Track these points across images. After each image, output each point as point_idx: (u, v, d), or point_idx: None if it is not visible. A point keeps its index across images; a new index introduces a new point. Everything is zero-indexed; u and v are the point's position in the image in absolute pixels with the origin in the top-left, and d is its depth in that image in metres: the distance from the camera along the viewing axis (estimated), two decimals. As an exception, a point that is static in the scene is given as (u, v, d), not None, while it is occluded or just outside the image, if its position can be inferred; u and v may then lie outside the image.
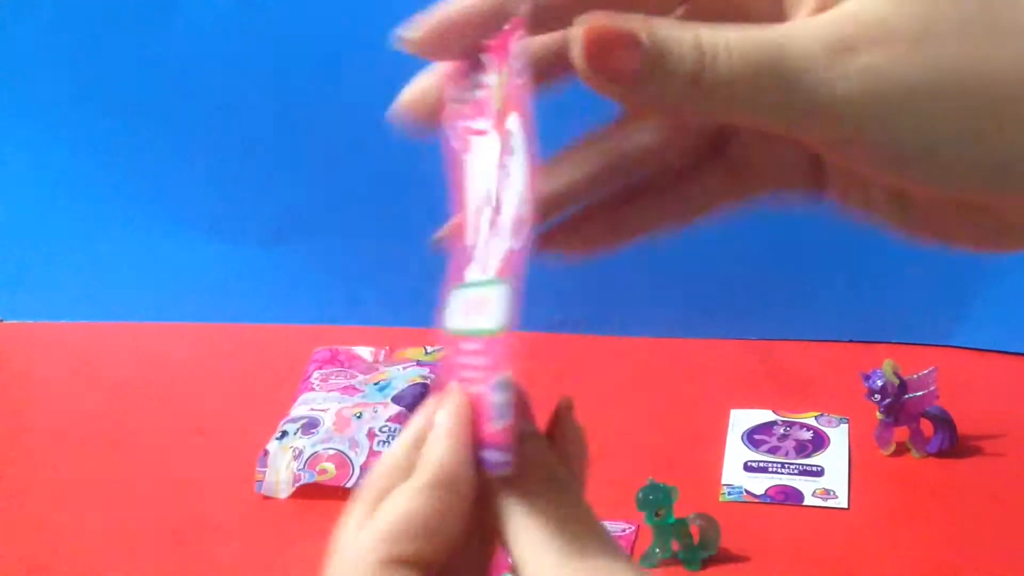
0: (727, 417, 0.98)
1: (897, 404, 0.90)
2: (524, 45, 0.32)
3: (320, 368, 1.06)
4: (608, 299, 1.09)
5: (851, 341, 1.09)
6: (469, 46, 0.34)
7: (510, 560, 0.33)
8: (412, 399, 0.98)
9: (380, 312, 1.15)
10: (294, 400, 1.01)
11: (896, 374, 0.90)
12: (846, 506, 0.88)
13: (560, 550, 0.32)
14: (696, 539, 0.81)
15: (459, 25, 0.34)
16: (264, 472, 0.92)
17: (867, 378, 0.91)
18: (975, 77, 0.31)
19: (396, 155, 1.09)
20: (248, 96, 1.08)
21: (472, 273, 0.35)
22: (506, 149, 0.33)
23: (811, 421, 0.97)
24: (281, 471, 0.92)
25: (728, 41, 0.31)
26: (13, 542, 0.89)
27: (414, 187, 1.10)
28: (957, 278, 1.05)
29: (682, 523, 0.80)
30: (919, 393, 0.90)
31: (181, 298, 1.18)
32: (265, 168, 1.11)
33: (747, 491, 0.89)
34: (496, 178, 0.34)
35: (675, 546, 0.81)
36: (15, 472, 0.98)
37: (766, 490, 0.89)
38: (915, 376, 0.91)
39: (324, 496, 0.91)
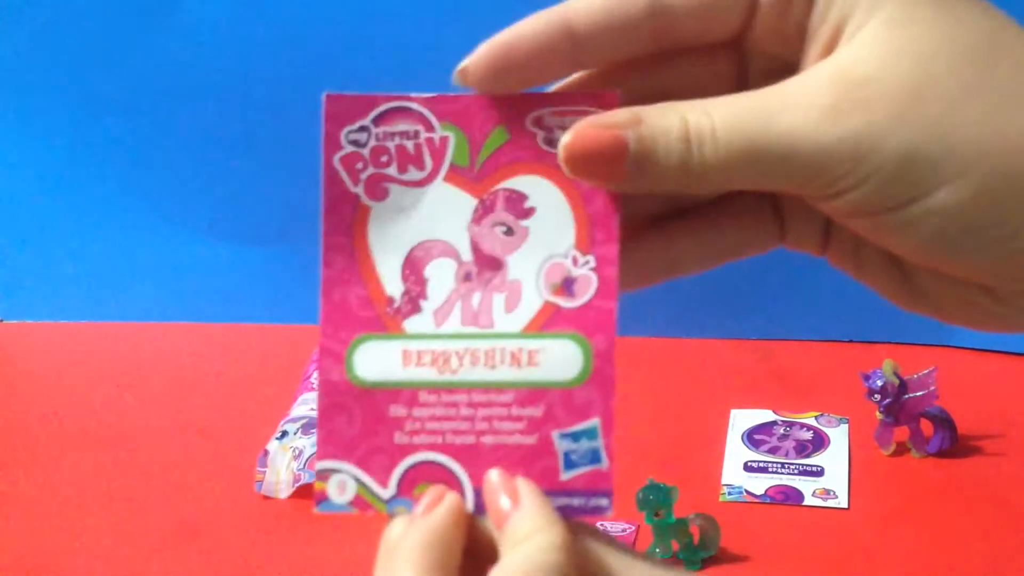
0: (727, 417, 0.98)
1: (897, 404, 0.90)
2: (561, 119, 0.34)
3: (320, 368, 1.06)
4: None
5: (851, 341, 1.09)
6: (531, 79, 0.35)
7: None
8: (412, 399, 0.98)
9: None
10: (294, 400, 1.01)
11: (896, 374, 0.90)
12: (846, 506, 0.88)
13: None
14: (696, 539, 0.81)
15: (522, 57, 0.34)
16: (264, 472, 0.92)
17: (867, 378, 0.91)
18: (970, 145, 0.30)
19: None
20: (248, 96, 1.08)
21: (422, 324, 0.35)
22: (513, 209, 0.35)
23: (811, 421, 0.97)
24: (281, 471, 0.92)
25: (714, 124, 0.32)
26: (13, 542, 0.88)
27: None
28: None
29: (682, 523, 0.80)
30: (919, 393, 0.91)
31: (181, 298, 1.18)
32: (265, 168, 1.11)
33: (747, 491, 0.89)
34: (478, 234, 0.35)
35: (675, 546, 0.82)
36: (15, 472, 0.98)
37: (766, 490, 0.89)
38: (915, 376, 0.91)
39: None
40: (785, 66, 0.34)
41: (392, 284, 0.36)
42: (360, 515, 0.37)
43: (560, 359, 0.35)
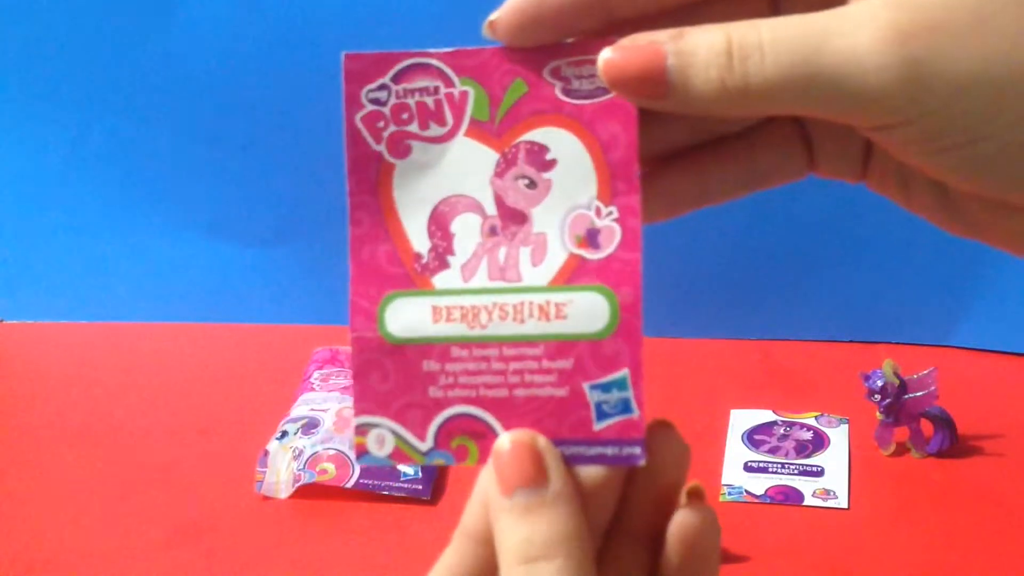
0: (727, 417, 0.98)
1: (897, 404, 0.90)
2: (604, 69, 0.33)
3: (320, 368, 1.06)
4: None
5: (851, 341, 1.09)
6: (562, 31, 0.34)
7: None
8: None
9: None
10: (294, 400, 1.01)
11: (896, 374, 0.90)
12: (846, 506, 0.88)
13: None
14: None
15: (553, 9, 0.34)
16: (264, 472, 0.92)
17: (867, 378, 0.91)
18: None
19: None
20: (248, 95, 1.08)
21: (450, 280, 0.36)
22: (535, 162, 0.35)
23: (811, 421, 0.97)
24: (281, 471, 0.92)
25: (762, 39, 0.31)
26: (13, 542, 0.88)
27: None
28: (957, 278, 1.05)
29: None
30: (919, 393, 0.91)
31: (181, 298, 1.18)
32: (265, 168, 1.11)
33: (747, 491, 0.89)
34: (501, 188, 0.36)
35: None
36: (15, 472, 0.98)
37: (766, 490, 0.89)
38: (915, 376, 0.91)
39: (324, 496, 0.91)
40: (826, 4, 0.32)
41: (419, 240, 0.36)
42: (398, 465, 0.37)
43: (587, 311, 0.35)
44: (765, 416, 0.98)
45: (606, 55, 0.33)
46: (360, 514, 0.89)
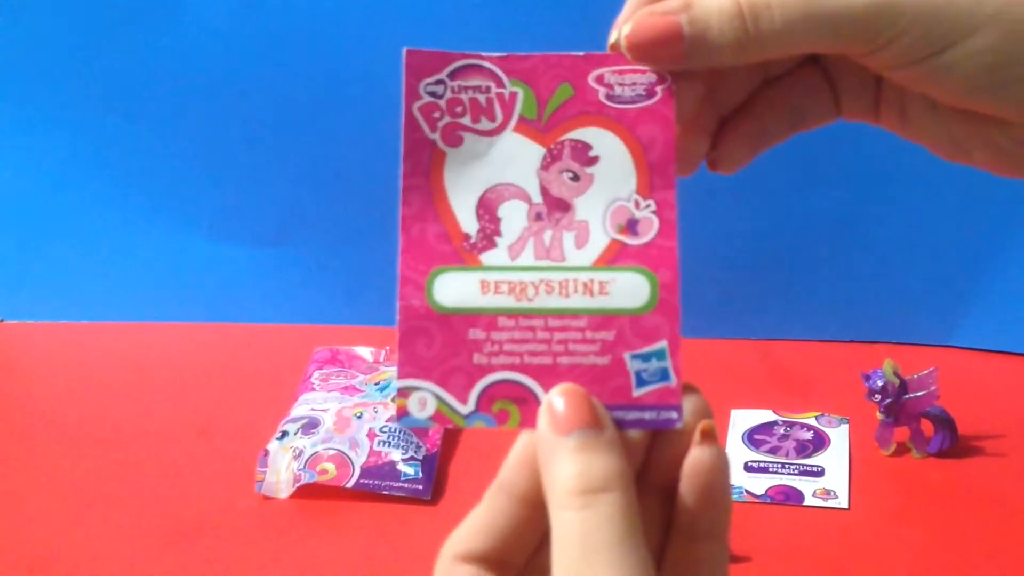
0: (727, 417, 0.98)
1: (897, 404, 0.90)
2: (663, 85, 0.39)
3: (320, 368, 1.06)
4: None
5: (851, 341, 1.09)
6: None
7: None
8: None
9: (380, 312, 1.15)
10: (294, 400, 1.01)
11: (896, 374, 0.90)
12: (846, 506, 0.88)
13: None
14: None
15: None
16: (264, 472, 0.92)
17: (867, 378, 0.91)
18: None
19: (396, 155, 1.09)
20: (248, 95, 1.08)
21: (497, 258, 0.39)
22: (579, 158, 0.39)
23: (811, 421, 0.97)
24: (281, 471, 0.92)
25: (769, 1, 0.36)
26: (13, 542, 0.88)
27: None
28: (957, 278, 1.05)
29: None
30: (919, 393, 0.91)
31: (181, 298, 1.18)
32: (265, 168, 1.11)
33: (747, 491, 0.89)
34: (547, 179, 0.39)
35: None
36: (15, 472, 0.98)
37: (766, 490, 0.89)
38: (915, 376, 0.91)
39: (324, 496, 0.91)
40: None
41: (468, 222, 0.39)
42: (439, 427, 0.40)
43: (629, 289, 0.38)
44: (765, 416, 0.98)
45: (626, 31, 0.37)
46: (360, 514, 0.89)
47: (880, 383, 0.90)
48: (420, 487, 0.90)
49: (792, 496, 0.89)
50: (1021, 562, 0.81)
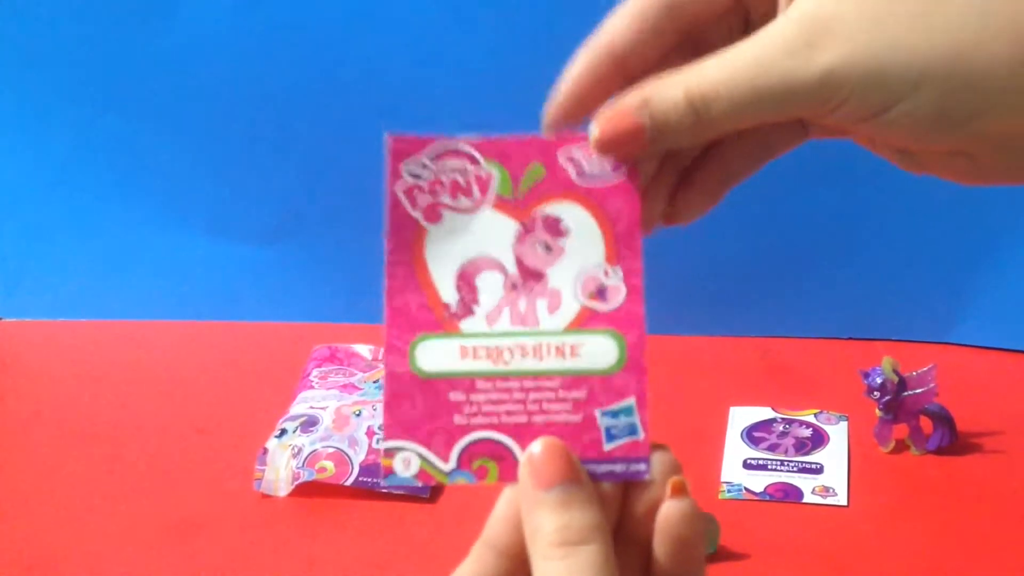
0: (726, 414, 0.98)
1: (896, 401, 0.90)
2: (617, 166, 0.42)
3: (319, 366, 1.06)
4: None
5: (850, 338, 1.09)
6: (594, 107, 0.42)
7: None
8: (411, 397, 0.98)
9: (379, 310, 1.15)
10: (293, 398, 1.01)
11: (895, 371, 0.90)
12: (846, 503, 0.88)
13: None
14: (695, 537, 0.81)
15: (586, 95, 0.42)
16: (263, 470, 0.92)
17: (866, 375, 0.91)
18: (926, 57, 0.38)
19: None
20: (248, 93, 1.08)
21: (476, 325, 0.42)
22: (550, 231, 0.42)
23: (810, 418, 0.97)
24: (280, 469, 0.92)
25: (715, 84, 0.39)
26: (13, 541, 0.89)
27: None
28: (956, 275, 1.05)
29: (681, 521, 0.80)
30: (918, 390, 0.91)
31: (180, 296, 1.18)
32: (265, 165, 1.11)
33: (746, 489, 0.89)
34: (521, 251, 0.42)
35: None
36: (15, 472, 0.98)
37: (765, 488, 0.89)
38: (914, 373, 0.91)
39: (323, 494, 0.91)
40: (777, 8, 0.41)
41: (447, 292, 0.42)
42: (423, 485, 0.44)
43: (599, 351, 0.41)
44: (764, 413, 0.98)
45: (594, 134, 0.41)
46: (359, 512, 0.89)
47: (879, 380, 0.90)
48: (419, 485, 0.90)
49: (791, 493, 0.89)
50: (1020, 559, 0.81)
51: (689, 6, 0.42)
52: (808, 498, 0.88)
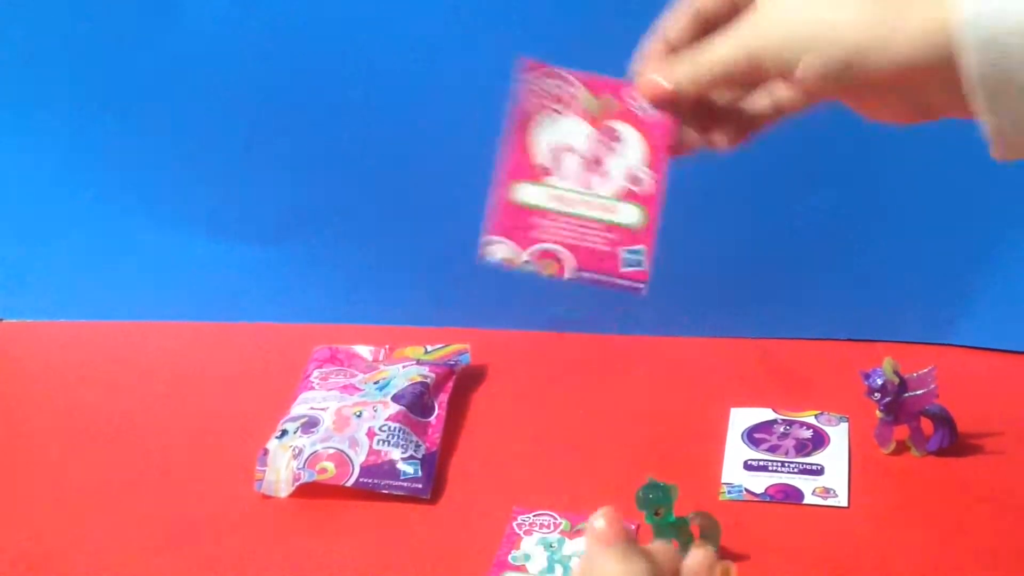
0: (727, 416, 0.98)
1: (897, 402, 0.90)
2: (648, 105, 0.64)
3: (320, 367, 1.06)
4: (608, 298, 1.09)
5: (851, 340, 1.09)
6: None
7: None
8: (412, 398, 0.98)
9: (380, 311, 1.15)
10: (294, 399, 1.01)
11: (896, 372, 0.90)
12: (846, 505, 0.88)
13: None
14: (696, 538, 0.81)
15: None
16: (264, 471, 0.92)
17: (867, 376, 0.91)
18: (811, 35, 0.57)
19: (397, 154, 1.09)
20: (248, 94, 1.07)
21: (556, 181, 0.65)
22: (610, 136, 0.65)
23: (811, 420, 0.97)
24: (281, 470, 0.92)
25: (707, 64, 0.60)
26: (13, 542, 0.89)
27: (414, 186, 1.10)
28: (956, 276, 1.05)
29: (682, 522, 0.80)
30: (919, 391, 0.91)
31: (181, 297, 1.18)
32: (265, 166, 1.11)
33: (747, 490, 0.89)
34: (592, 145, 0.65)
35: (675, 545, 0.81)
36: (16, 473, 0.98)
37: (766, 489, 0.89)
38: (915, 374, 0.91)
39: (324, 495, 0.91)
40: None
41: (543, 157, 0.65)
42: (506, 267, 0.65)
43: (629, 213, 0.65)
44: (765, 415, 0.98)
45: (637, 91, 0.64)
46: (360, 513, 0.89)
47: (880, 381, 0.90)
48: (419, 486, 0.90)
49: (792, 495, 0.89)
50: (1021, 560, 0.81)
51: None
52: (809, 499, 0.88)
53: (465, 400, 1.03)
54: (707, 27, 0.61)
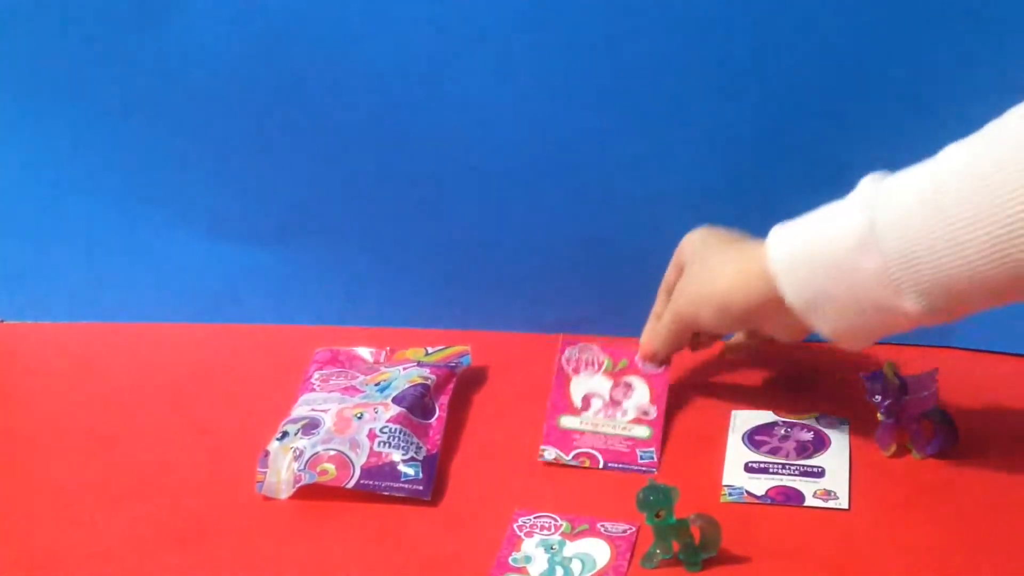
0: (728, 418, 0.98)
1: (898, 405, 0.90)
2: (649, 367, 0.98)
3: (321, 368, 1.06)
4: (608, 299, 1.09)
5: (852, 342, 1.09)
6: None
7: None
8: (413, 400, 0.98)
9: (381, 312, 1.15)
10: (295, 401, 1.01)
11: (897, 375, 0.90)
12: (847, 507, 0.88)
13: None
14: (697, 540, 0.81)
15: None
16: (264, 473, 0.92)
17: (868, 379, 0.91)
18: (700, 298, 0.89)
19: (397, 155, 1.09)
20: (250, 95, 1.08)
21: (588, 415, 0.96)
22: (625, 386, 0.97)
23: (812, 422, 0.97)
24: (282, 472, 0.92)
25: (663, 321, 0.94)
26: (13, 544, 0.89)
27: (415, 187, 1.10)
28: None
29: (683, 524, 0.80)
30: (920, 394, 0.90)
31: (181, 298, 1.18)
32: (267, 167, 1.11)
33: (748, 492, 0.89)
34: (610, 392, 0.97)
35: (676, 547, 0.81)
36: (16, 474, 0.98)
37: (767, 491, 0.89)
38: (916, 377, 0.91)
39: (325, 497, 0.91)
40: None
41: (578, 401, 0.97)
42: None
43: (640, 432, 0.94)
44: (766, 417, 0.98)
45: (641, 361, 0.98)
46: (360, 514, 0.89)
47: (880, 384, 0.90)
48: (420, 488, 0.90)
49: (792, 497, 0.89)
50: (1021, 563, 0.81)
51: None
52: (809, 501, 0.88)
53: (466, 402, 1.03)
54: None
